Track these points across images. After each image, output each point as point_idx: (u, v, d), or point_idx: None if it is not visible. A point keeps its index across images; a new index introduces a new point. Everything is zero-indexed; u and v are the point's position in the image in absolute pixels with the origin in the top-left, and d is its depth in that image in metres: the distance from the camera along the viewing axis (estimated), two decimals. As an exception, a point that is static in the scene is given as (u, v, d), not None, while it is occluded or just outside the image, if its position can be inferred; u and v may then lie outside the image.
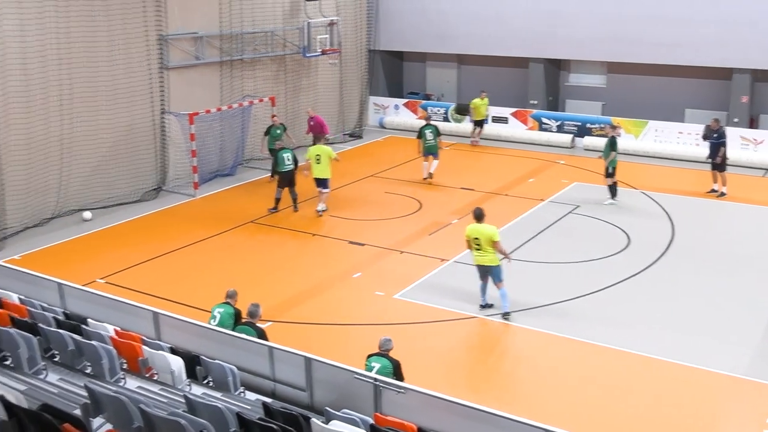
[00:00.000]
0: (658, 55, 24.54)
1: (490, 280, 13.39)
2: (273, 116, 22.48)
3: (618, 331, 12.74)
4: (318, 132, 22.43)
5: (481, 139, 26.44)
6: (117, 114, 19.92)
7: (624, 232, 17.40)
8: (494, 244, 13.04)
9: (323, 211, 18.89)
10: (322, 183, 18.91)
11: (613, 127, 20.51)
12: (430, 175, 21.67)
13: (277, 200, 19.16)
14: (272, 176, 21.08)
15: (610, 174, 19.34)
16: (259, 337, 9.59)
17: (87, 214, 18.11)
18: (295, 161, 19.08)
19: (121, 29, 19.69)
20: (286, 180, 18.96)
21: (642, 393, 10.98)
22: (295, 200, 19.19)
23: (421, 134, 21.51)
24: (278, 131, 21.55)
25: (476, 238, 13.07)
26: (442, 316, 13.43)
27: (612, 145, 19.26)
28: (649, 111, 25.40)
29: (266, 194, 20.00)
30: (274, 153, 20.09)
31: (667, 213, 18.76)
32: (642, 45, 24.62)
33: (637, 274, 15.09)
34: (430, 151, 21.59)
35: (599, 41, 25.37)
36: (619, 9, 24.89)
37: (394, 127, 29.19)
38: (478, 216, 13.28)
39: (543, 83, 27.22)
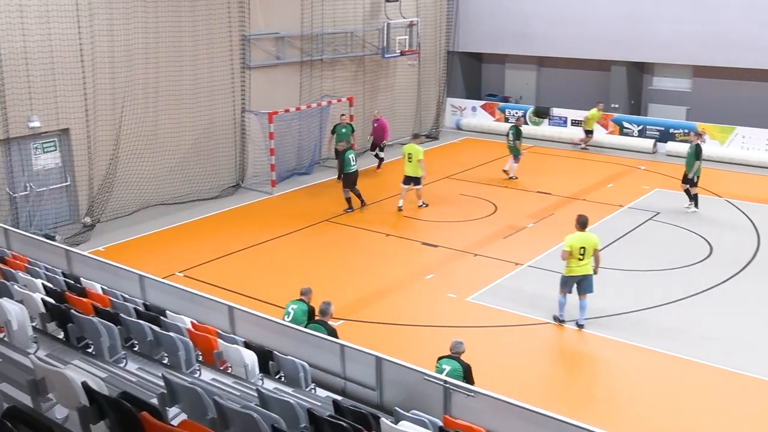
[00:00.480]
0: (748, 58, 23.68)
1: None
2: (342, 116, 22.42)
3: (695, 343, 12.36)
4: (379, 136, 22.84)
5: (585, 146, 26.00)
6: (199, 112, 20.42)
7: (706, 241, 16.86)
8: (596, 253, 12.72)
9: (424, 205, 19.53)
10: (412, 181, 19.15)
11: (698, 134, 19.75)
12: (505, 172, 22.16)
13: (348, 200, 19.30)
14: (339, 178, 21.11)
15: (692, 182, 18.68)
16: (329, 335, 9.66)
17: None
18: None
19: (206, 29, 20.17)
20: (351, 181, 19.11)
21: (716, 406, 10.63)
22: (360, 197, 19.38)
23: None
24: (344, 130, 21.67)
25: (582, 248, 12.65)
26: (514, 321, 13.28)
27: (697, 153, 18.51)
28: (736, 116, 24.53)
29: (340, 192, 20.13)
30: (340, 154, 20.22)
31: (753, 223, 18.10)
32: (730, 48, 23.79)
33: (718, 285, 14.60)
34: (510, 152, 22.13)
35: (685, 44, 24.65)
36: (706, 11, 24.11)
37: (471, 129, 29.03)
38: (584, 224, 12.89)
39: (625, 86, 26.61)
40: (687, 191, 18.92)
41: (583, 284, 12.86)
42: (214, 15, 20.33)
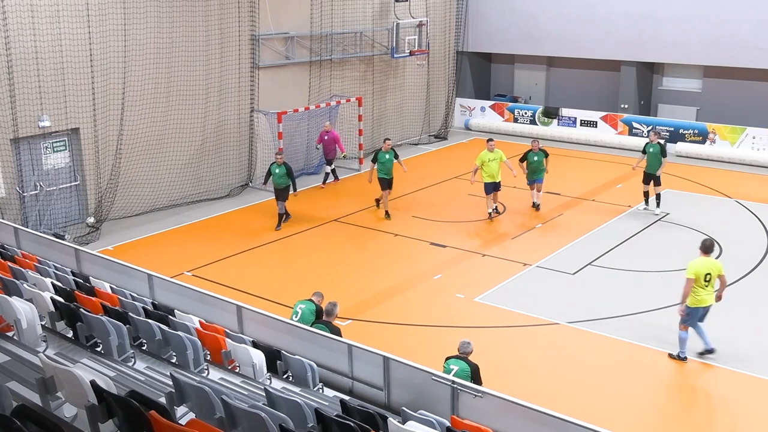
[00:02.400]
0: (758, 58, 23.57)
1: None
2: (386, 141, 19.20)
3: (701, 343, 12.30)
4: (331, 149, 21.65)
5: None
6: (208, 111, 20.47)
7: (716, 242, 16.78)
8: (722, 278, 11.68)
9: (496, 213, 18.85)
10: (496, 186, 18.50)
11: (657, 133, 19.46)
12: (536, 206, 19.35)
13: (377, 201, 19.39)
14: (378, 205, 19.49)
15: (658, 182, 18.40)
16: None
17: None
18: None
19: (218, 29, 20.23)
20: (386, 183, 18.89)
21: (718, 406, 10.59)
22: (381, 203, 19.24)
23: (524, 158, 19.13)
24: (387, 156, 18.76)
25: (708, 274, 11.47)
26: (522, 321, 13.26)
27: (662, 151, 18.39)
28: (746, 117, 24.43)
29: (349, 194, 20.17)
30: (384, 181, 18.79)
31: (763, 224, 18.01)
32: (740, 48, 23.70)
33: (728, 286, 14.50)
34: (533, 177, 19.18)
35: (695, 44, 24.56)
36: (717, 11, 24.03)
37: (479, 129, 29.00)
38: (708, 248, 11.73)
39: (635, 87, 26.53)
40: (647, 193, 18.76)
41: (705, 313, 11.76)
42: (224, 15, 20.38)
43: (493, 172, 18.26)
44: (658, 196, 18.62)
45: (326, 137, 21.67)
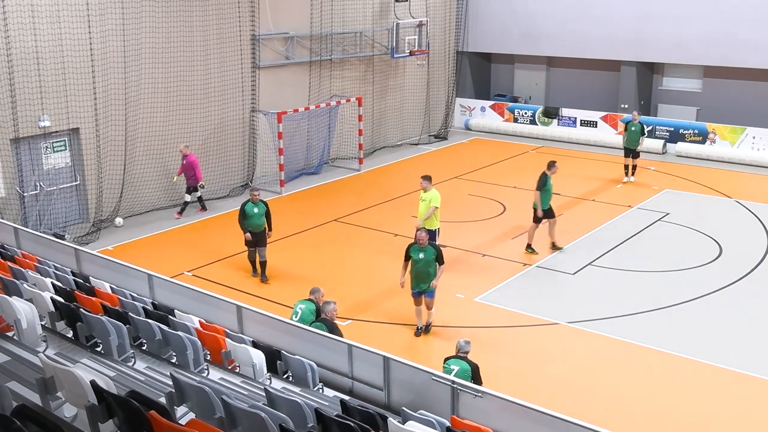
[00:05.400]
0: (758, 58, 23.58)
1: None
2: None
3: (705, 344, 12.31)
4: (190, 175, 18.76)
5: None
6: (209, 111, 20.47)
7: (716, 242, 16.80)
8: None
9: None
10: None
11: (639, 113, 22.80)
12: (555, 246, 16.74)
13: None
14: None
15: (637, 155, 21.44)
16: (329, 332, 9.65)
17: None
18: None
19: (216, 29, 20.22)
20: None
21: (721, 407, 10.59)
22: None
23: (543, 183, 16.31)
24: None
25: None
26: (522, 321, 13.26)
27: (642, 130, 21.37)
28: (746, 117, 24.44)
29: (350, 192, 20.16)
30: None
31: (763, 224, 18.01)
32: (740, 48, 23.70)
33: (727, 286, 14.54)
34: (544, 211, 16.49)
35: (695, 44, 24.56)
36: (717, 11, 24.03)
37: (480, 129, 29.01)
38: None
39: (635, 87, 26.53)
40: (627, 166, 21.42)
41: None
42: (224, 15, 20.39)
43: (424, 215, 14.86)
44: (634, 167, 21.52)
45: (184, 162, 18.76)
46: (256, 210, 14.80)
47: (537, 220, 16.28)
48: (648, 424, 10.24)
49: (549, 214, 16.39)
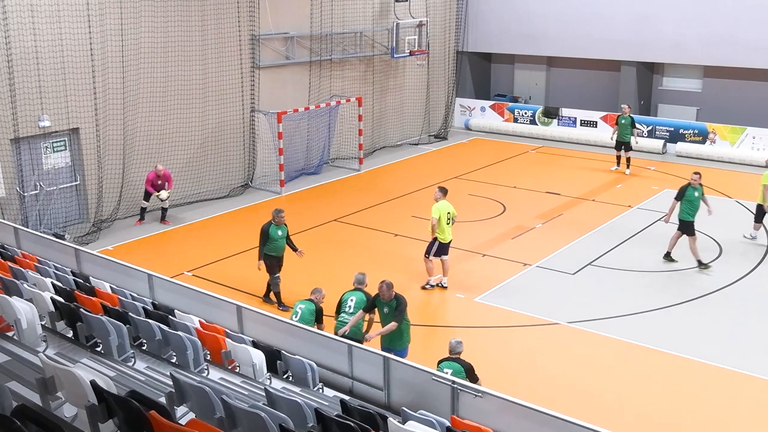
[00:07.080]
0: (758, 58, 23.58)
1: None
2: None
3: (705, 343, 12.31)
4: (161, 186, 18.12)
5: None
6: (209, 111, 20.47)
7: (716, 242, 16.80)
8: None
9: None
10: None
11: (629, 107, 22.98)
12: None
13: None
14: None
15: (630, 148, 22.10)
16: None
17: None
18: None
19: (215, 29, 20.22)
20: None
21: (723, 407, 10.59)
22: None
23: None
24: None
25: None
26: (522, 321, 13.26)
27: (632, 123, 21.70)
28: (746, 117, 24.44)
29: (349, 192, 20.14)
30: None
31: (763, 224, 18.00)
32: (740, 48, 23.71)
33: (727, 286, 14.54)
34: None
35: (695, 44, 24.56)
36: (717, 11, 24.04)
37: (479, 129, 29.01)
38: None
39: (635, 87, 26.53)
40: (619, 158, 22.16)
41: None
42: (224, 15, 20.38)
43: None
44: (628, 160, 22.27)
45: (159, 182, 18.15)
46: (280, 233, 13.78)
47: (689, 231, 15.18)
48: (648, 424, 10.24)
49: (686, 228, 15.27)
